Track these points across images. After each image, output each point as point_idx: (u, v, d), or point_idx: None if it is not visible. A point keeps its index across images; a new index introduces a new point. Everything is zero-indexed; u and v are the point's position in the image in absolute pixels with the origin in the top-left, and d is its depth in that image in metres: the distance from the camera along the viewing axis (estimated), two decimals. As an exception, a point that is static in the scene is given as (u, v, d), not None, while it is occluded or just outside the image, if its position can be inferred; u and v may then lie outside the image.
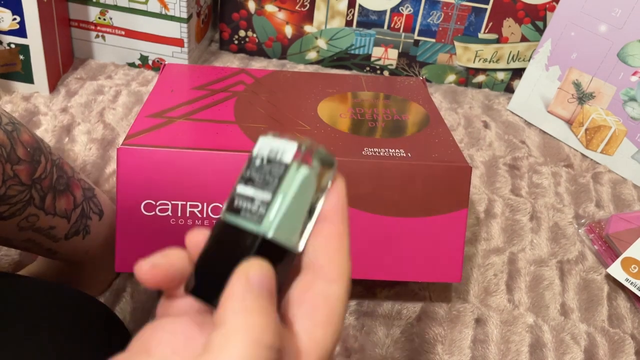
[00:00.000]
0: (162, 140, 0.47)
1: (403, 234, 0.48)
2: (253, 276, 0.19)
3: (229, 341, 0.18)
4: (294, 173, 0.22)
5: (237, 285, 0.19)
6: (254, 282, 0.19)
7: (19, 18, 0.71)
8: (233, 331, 0.18)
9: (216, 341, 0.18)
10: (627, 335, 0.56)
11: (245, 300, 0.19)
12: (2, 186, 0.38)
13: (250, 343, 0.18)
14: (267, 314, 0.19)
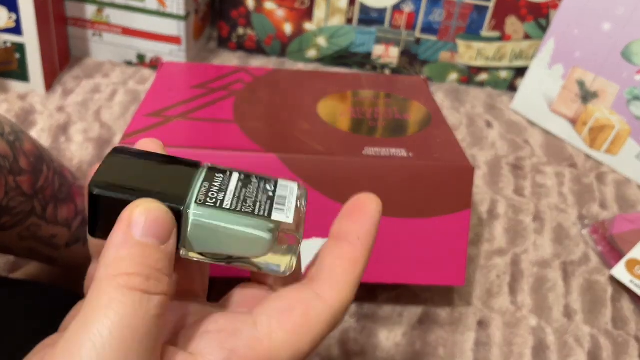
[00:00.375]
0: (160, 139, 0.46)
1: (404, 235, 0.47)
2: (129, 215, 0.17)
3: (95, 284, 0.16)
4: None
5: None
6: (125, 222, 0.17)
7: (15, 16, 0.70)
8: (100, 271, 0.17)
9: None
10: (631, 338, 0.55)
11: (112, 238, 0.17)
12: (5, 198, 0.37)
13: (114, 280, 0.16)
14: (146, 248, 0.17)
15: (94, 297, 0.16)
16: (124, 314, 0.15)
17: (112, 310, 0.15)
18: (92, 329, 0.15)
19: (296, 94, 0.56)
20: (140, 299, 0.15)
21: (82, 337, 0.15)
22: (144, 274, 0.16)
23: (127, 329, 0.15)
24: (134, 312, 0.15)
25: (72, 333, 0.15)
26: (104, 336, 0.15)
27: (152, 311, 0.16)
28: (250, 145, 0.46)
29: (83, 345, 0.15)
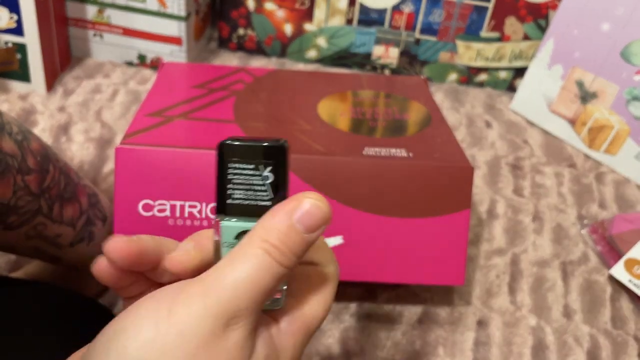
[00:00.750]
0: (161, 139, 0.46)
1: (404, 235, 0.47)
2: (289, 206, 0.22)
3: (244, 243, 0.21)
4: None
5: (271, 210, 0.22)
6: (277, 209, 0.22)
7: (16, 16, 0.70)
8: (251, 237, 0.21)
9: (237, 245, 0.21)
10: (630, 337, 0.55)
11: (266, 220, 0.21)
12: (13, 197, 0.38)
13: (258, 246, 0.21)
14: (285, 229, 0.21)
15: (245, 244, 0.21)
16: (253, 266, 0.20)
17: (249, 259, 0.21)
18: (235, 261, 0.21)
19: (296, 94, 0.56)
20: (269, 261, 0.21)
21: (226, 270, 0.21)
22: (282, 249, 0.21)
23: (250, 275, 0.20)
24: (260, 267, 0.21)
25: (221, 262, 0.21)
26: (233, 272, 0.20)
27: (274, 275, 0.21)
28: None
29: (225, 277, 0.20)
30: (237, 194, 0.22)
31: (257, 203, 0.22)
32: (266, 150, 0.22)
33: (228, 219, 0.22)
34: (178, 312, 0.20)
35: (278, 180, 0.22)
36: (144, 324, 0.20)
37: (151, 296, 0.21)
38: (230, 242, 0.22)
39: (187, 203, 0.45)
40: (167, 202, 0.45)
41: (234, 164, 0.22)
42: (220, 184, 0.22)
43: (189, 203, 0.45)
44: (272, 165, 0.22)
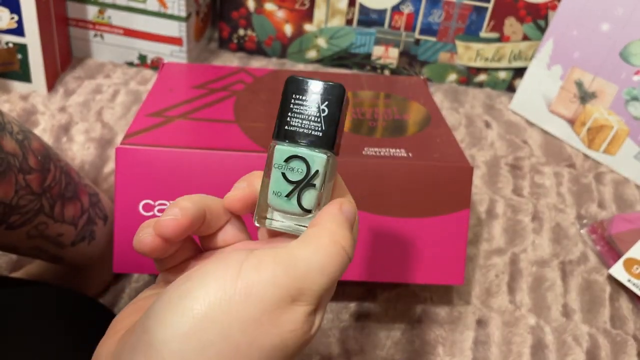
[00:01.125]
0: (161, 139, 0.46)
1: (404, 235, 0.47)
2: (345, 208, 0.24)
3: (320, 234, 0.23)
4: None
5: (333, 206, 0.24)
6: (344, 210, 0.24)
7: (17, 17, 0.70)
8: (325, 229, 0.23)
9: (310, 232, 0.23)
10: (630, 337, 0.55)
11: (337, 217, 0.24)
12: (15, 196, 0.38)
13: (334, 240, 0.23)
14: (349, 231, 0.24)
15: (315, 232, 0.23)
16: (325, 253, 0.22)
17: (323, 246, 0.22)
18: (308, 246, 0.22)
19: (296, 95, 0.56)
20: (341, 253, 0.23)
21: (300, 250, 0.22)
22: (351, 244, 0.23)
23: (319, 259, 0.22)
24: (334, 256, 0.22)
25: (292, 242, 0.23)
26: (305, 252, 0.22)
27: (344, 265, 0.23)
28: (251, 146, 0.47)
29: (300, 254, 0.22)
30: (294, 122, 0.25)
31: (310, 132, 0.25)
32: (328, 88, 0.25)
33: (282, 143, 0.25)
34: (247, 276, 0.21)
35: (332, 115, 0.25)
36: (211, 285, 0.21)
37: (217, 260, 0.22)
38: (280, 164, 0.25)
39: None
40: (168, 202, 0.45)
41: (298, 96, 0.25)
42: (282, 113, 0.25)
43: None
44: (329, 101, 0.25)
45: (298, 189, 0.25)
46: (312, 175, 0.25)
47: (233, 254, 0.22)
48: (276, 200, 0.25)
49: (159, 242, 0.24)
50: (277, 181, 0.25)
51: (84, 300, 0.43)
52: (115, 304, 0.53)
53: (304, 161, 0.25)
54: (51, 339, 0.36)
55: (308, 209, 0.25)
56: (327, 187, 0.25)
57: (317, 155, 0.25)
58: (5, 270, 0.56)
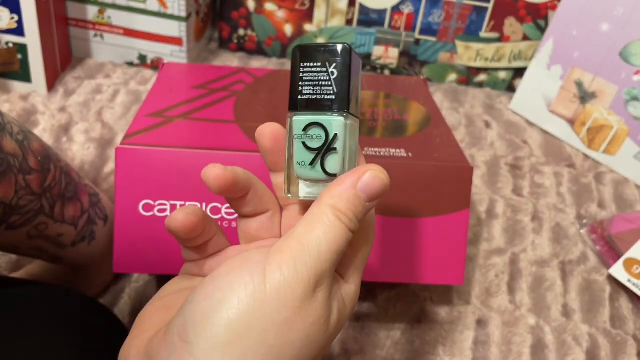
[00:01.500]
0: (161, 139, 0.46)
1: (403, 235, 0.47)
2: (365, 178, 0.24)
3: (322, 210, 0.23)
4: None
5: (338, 182, 0.24)
6: (361, 182, 0.24)
7: (17, 17, 0.70)
8: (324, 205, 0.24)
9: (313, 211, 0.24)
10: (630, 337, 0.55)
11: (336, 191, 0.24)
12: (15, 197, 0.38)
13: (336, 215, 0.23)
14: (352, 201, 0.24)
15: (318, 211, 0.24)
16: (330, 231, 0.23)
17: (326, 225, 0.23)
18: (313, 227, 0.23)
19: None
20: (341, 227, 0.23)
21: (308, 236, 0.23)
22: (349, 215, 0.24)
23: (328, 239, 0.23)
24: (335, 232, 0.23)
25: (299, 227, 0.23)
26: (314, 238, 0.23)
27: (343, 238, 0.23)
28: (251, 145, 0.47)
29: (309, 242, 0.23)
30: (306, 90, 0.25)
31: (323, 97, 0.25)
32: (332, 50, 0.25)
33: (298, 113, 0.25)
34: (273, 279, 0.22)
35: (342, 76, 0.24)
36: (242, 293, 0.22)
37: (239, 265, 0.23)
38: (299, 134, 0.25)
39: (187, 203, 0.45)
40: (168, 202, 0.45)
41: (306, 63, 0.25)
42: (293, 83, 0.25)
43: (189, 203, 0.46)
44: (336, 63, 0.24)
45: (320, 156, 0.25)
46: (332, 139, 0.25)
47: (253, 257, 0.23)
48: (301, 170, 0.25)
49: (189, 218, 0.25)
50: (299, 151, 0.25)
51: (84, 300, 0.43)
52: (115, 304, 0.53)
53: (321, 127, 0.25)
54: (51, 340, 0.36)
55: (333, 173, 0.25)
56: (350, 150, 0.25)
57: (334, 119, 0.24)
58: (5, 270, 0.56)
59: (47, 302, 0.39)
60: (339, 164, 0.25)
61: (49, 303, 0.39)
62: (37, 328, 0.35)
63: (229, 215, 0.45)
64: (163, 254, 0.45)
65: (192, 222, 0.25)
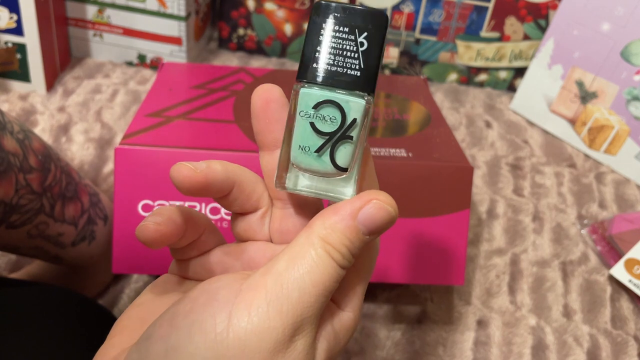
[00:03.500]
0: (160, 139, 0.46)
1: (404, 235, 0.47)
2: (367, 210, 0.20)
3: (310, 242, 0.20)
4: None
5: (331, 209, 0.21)
6: (361, 214, 0.20)
7: (16, 16, 0.70)
8: (314, 236, 0.20)
9: (300, 241, 0.20)
10: (630, 337, 0.55)
11: (329, 221, 0.21)
12: (15, 196, 0.38)
13: (326, 250, 0.20)
14: (350, 236, 0.20)
15: (303, 243, 0.20)
16: (317, 270, 0.20)
17: (313, 262, 0.20)
18: (297, 264, 0.20)
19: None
20: (331, 265, 0.20)
21: (288, 274, 0.19)
22: (343, 251, 0.20)
23: (313, 280, 0.19)
24: (323, 271, 0.20)
25: (280, 262, 0.20)
26: (297, 278, 0.19)
27: (333, 277, 0.20)
28: (250, 146, 0.46)
29: (288, 282, 0.19)
30: (324, 59, 0.20)
31: (345, 71, 0.20)
32: (366, 15, 0.20)
33: (309, 85, 0.20)
34: (238, 326, 0.19)
35: (372, 49, 0.20)
36: (200, 340, 0.19)
37: (203, 304, 0.20)
38: (307, 112, 0.20)
39: (186, 203, 0.45)
40: (167, 203, 0.45)
41: (329, 25, 0.20)
42: (309, 46, 0.20)
43: (189, 203, 0.45)
44: (368, 32, 0.20)
45: (331, 143, 0.20)
46: (349, 126, 0.20)
47: (220, 294, 0.20)
48: (303, 157, 0.20)
49: (166, 228, 0.22)
50: (304, 133, 0.20)
51: (84, 301, 0.42)
52: (114, 305, 0.53)
53: (338, 108, 0.20)
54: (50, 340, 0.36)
55: (344, 167, 0.20)
56: (363, 140, 0.21)
57: (355, 101, 0.20)
58: (5, 271, 0.55)
59: (46, 303, 0.39)
60: (352, 156, 0.20)
61: (48, 303, 0.39)
62: (37, 328, 0.35)
63: (228, 215, 0.45)
64: (162, 255, 0.45)
65: (163, 232, 0.21)
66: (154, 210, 0.22)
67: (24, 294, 0.39)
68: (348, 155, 0.21)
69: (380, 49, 0.20)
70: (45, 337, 0.35)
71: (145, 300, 0.24)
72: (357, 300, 0.22)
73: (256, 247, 0.24)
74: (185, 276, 0.25)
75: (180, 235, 0.23)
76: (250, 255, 0.24)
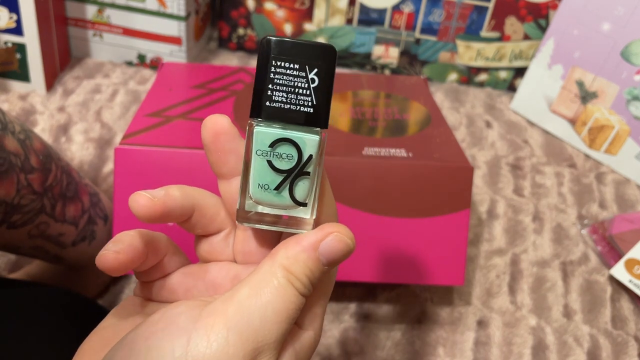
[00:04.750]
0: (160, 139, 0.46)
1: (404, 235, 0.47)
2: (328, 242, 0.21)
3: (273, 272, 0.20)
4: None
5: (294, 241, 0.21)
6: (323, 245, 0.21)
7: (16, 16, 0.70)
8: (277, 266, 0.21)
9: (263, 270, 0.21)
10: (631, 337, 0.55)
11: (292, 251, 0.21)
12: (16, 195, 0.38)
13: (288, 280, 0.20)
14: (310, 266, 0.21)
15: (266, 272, 0.21)
16: (279, 298, 0.20)
17: (275, 290, 0.20)
18: (259, 292, 0.20)
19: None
20: (293, 293, 0.20)
21: (250, 302, 0.20)
22: (303, 280, 0.21)
23: (275, 308, 0.20)
24: (285, 299, 0.20)
25: (242, 290, 0.20)
26: (259, 307, 0.20)
27: (295, 305, 0.20)
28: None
29: (250, 309, 0.20)
30: (277, 96, 0.20)
31: (298, 108, 0.20)
32: (315, 50, 0.20)
33: (265, 123, 0.20)
34: (197, 351, 0.19)
35: (323, 85, 0.20)
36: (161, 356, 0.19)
37: (162, 329, 0.20)
38: (264, 150, 0.20)
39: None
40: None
41: (279, 62, 0.20)
42: (260, 84, 0.20)
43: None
44: (318, 68, 0.20)
45: (289, 180, 0.21)
46: (306, 162, 0.21)
47: (180, 320, 0.20)
48: (262, 195, 0.21)
49: (125, 255, 0.21)
50: (262, 172, 0.21)
51: (83, 301, 0.42)
52: (114, 305, 0.53)
53: (294, 145, 0.20)
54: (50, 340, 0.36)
55: (303, 201, 0.21)
56: (319, 172, 0.21)
57: (310, 138, 0.20)
58: (5, 271, 0.55)
59: (46, 303, 0.39)
60: (309, 190, 0.21)
61: (48, 304, 0.39)
62: (36, 329, 0.35)
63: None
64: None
65: (121, 261, 0.21)
66: (114, 237, 0.22)
67: (23, 294, 0.39)
68: (306, 190, 0.21)
69: (331, 83, 0.20)
70: (45, 337, 0.35)
71: (109, 324, 0.24)
72: (318, 319, 0.23)
73: (219, 267, 0.24)
74: (149, 298, 0.25)
75: (141, 261, 0.23)
76: (213, 276, 0.24)
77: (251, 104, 0.20)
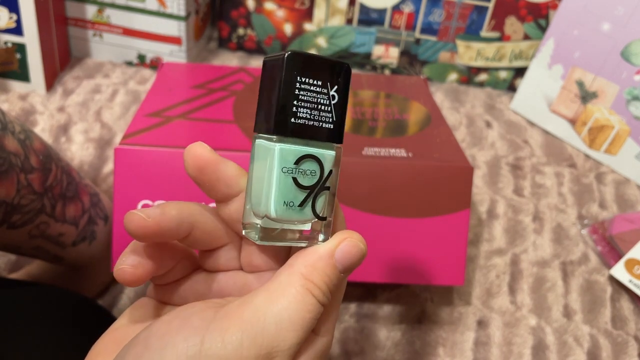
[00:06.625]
0: (160, 139, 0.46)
1: (404, 235, 0.47)
2: (343, 248, 0.22)
3: (291, 281, 0.21)
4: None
5: (313, 250, 0.21)
6: (338, 252, 0.22)
7: (16, 16, 0.70)
8: (296, 275, 0.21)
9: (281, 279, 0.21)
10: (631, 337, 0.55)
11: (311, 259, 0.21)
12: (16, 195, 0.38)
13: (306, 288, 0.21)
14: (328, 274, 0.21)
15: (284, 280, 0.21)
16: (297, 306, 0.20)
17: (292, 298, 0.20)
18: (276, 300, 0.20)
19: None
20: (312, 301, 0.21)
21: (267, 307, 0.20)
22: (323, 288, 0.21)
23: (291, 316, 0.20)
24: (303, 308, 0.20)
25: (259, 296, 0.20)
26: (275, 313, 0.20)
27: (313, 313, 0.21)
28: (250, 146, 0.46)
29: (266, 314, 0.20)
30: (302, 113, 0.20)
31: (321, 125, 0.20)
32: (335, 67, 0.20)
33: (289, 140, 0.20)
34: (211, 348, 0.19)
35: (341, 102, 0.21)
36: (172, 358, 0.19)
37: (177, 328, 0.20)
38: (290, 168, 0.20)
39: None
40: (167, 203, 0.45)
41: (305, 78, 0.20)
42: (284, 99, 0.20)
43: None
44: (338, 85, 0.20)
45: (312, 195, 0.21)
46: (327, 177, 0.21)
47: (194, 320, 0.20)
48: (287, 212, 0.20)
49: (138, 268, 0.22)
50: (287, 189, 0.20)
51: (83, 301, 0.42)
52: (114, 305, 0.53)
53: (316, 161, 0.20)
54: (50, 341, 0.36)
55: (324, 216, 0.21)
56: (335, 187, 0.22)
57: (329, 153, 0.21)
58: (5, 271, 0.55)
59: (46, 303, 0.39)
60: (328, 205, 0.21)
61: (48, 304, 0.39)
62: (36, 329, 0.35)
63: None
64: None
65: (139, 276, 0.22)
66: (130, 246, 0.22)
67: (23, 294, 0.39)
68: (326, 204, 0.21)
69: (347, 101, 0.21)
70: (45, 337, 0.35)
71: (121, 325, 0.24)
72: (331, 325, 0.23)
73: (227, 276, 0.24)
74: (162, 300, 0.25)
75: (158, 270, 0.23)
76: (221, 286, 0.24)
77: (265, 119, 0.20)
